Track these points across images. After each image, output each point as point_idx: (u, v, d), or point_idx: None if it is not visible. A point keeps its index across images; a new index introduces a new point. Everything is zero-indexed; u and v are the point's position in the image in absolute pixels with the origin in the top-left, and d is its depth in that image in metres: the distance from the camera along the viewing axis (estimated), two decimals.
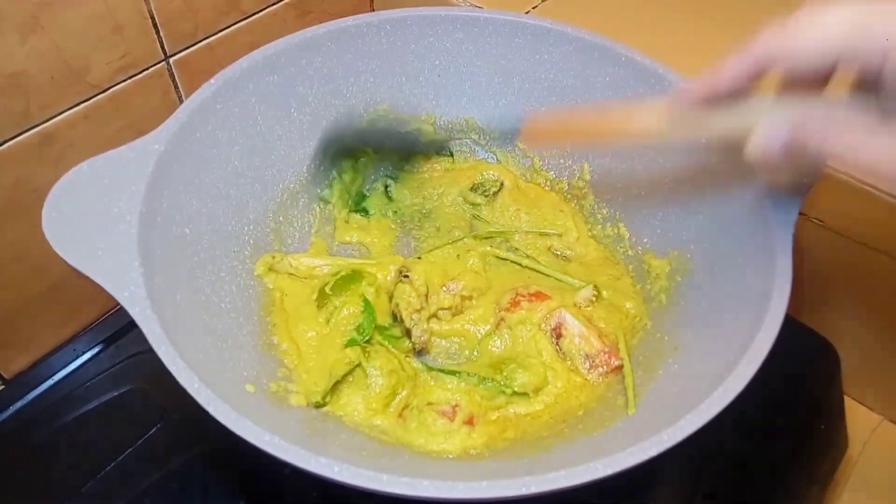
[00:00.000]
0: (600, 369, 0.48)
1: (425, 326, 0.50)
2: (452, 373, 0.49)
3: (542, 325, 0.50)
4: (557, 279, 0.55)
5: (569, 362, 0.49)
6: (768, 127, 0.35)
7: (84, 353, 0.55)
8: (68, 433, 0.50)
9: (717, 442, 0.49)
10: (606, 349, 0.48)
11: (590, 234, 0.59)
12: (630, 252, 0.56)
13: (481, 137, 0.63)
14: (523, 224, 0.59)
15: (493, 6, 0.60)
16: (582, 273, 0.55)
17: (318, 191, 0.59)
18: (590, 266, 0.56)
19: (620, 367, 0.47)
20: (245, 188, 0.53)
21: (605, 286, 0.54)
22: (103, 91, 0.52)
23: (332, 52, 0.56)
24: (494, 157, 0.63)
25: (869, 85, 0.32)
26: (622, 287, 0.54)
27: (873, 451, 0.57)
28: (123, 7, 0.51)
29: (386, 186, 0.62)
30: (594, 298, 0.52)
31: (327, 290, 0.52)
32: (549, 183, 0.62)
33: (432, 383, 0.48)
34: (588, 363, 0.48)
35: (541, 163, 0.62)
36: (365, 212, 0.61)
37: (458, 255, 0.56)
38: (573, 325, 0.49)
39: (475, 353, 0.51)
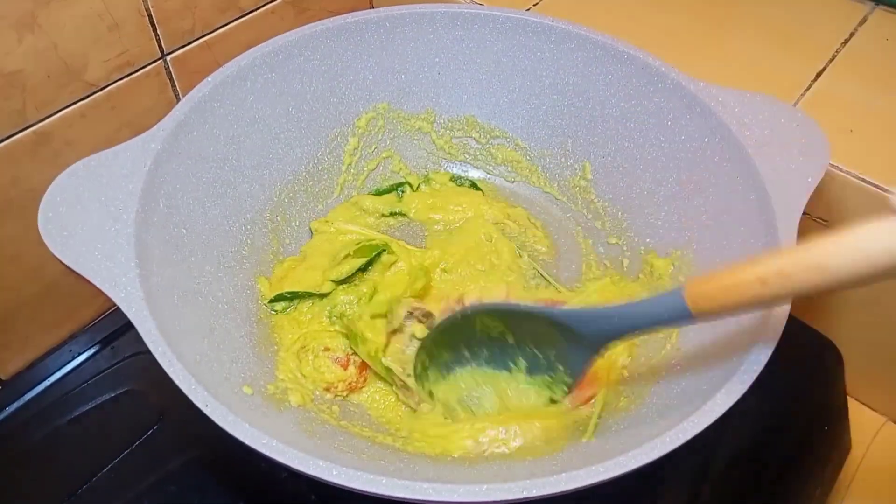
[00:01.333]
0: (573, 398, 0.47)
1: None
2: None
3: None
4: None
5: None
6: None
7: (80, 354, 0.55)
8: (65, 435, 0.50)
9: (719, 443, 0.49)
10: (587, 379, 0.47)
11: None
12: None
13: (482, 136, 0.63)
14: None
15: (493, 3, 0.59)
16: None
17: None
18: None
19: (589, 398, 0.47)
20: (242, 187, 0.53)
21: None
22: (100, 89, 0.52)
23: (330, 50, 0.56)
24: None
25: None
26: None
27: (877, 453, 0.56)
28: (120, 5, 0.50)
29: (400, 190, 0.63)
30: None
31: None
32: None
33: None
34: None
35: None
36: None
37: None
38: None
39: None
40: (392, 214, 0.61)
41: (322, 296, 0.52)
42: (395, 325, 0.48)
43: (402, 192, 0.62)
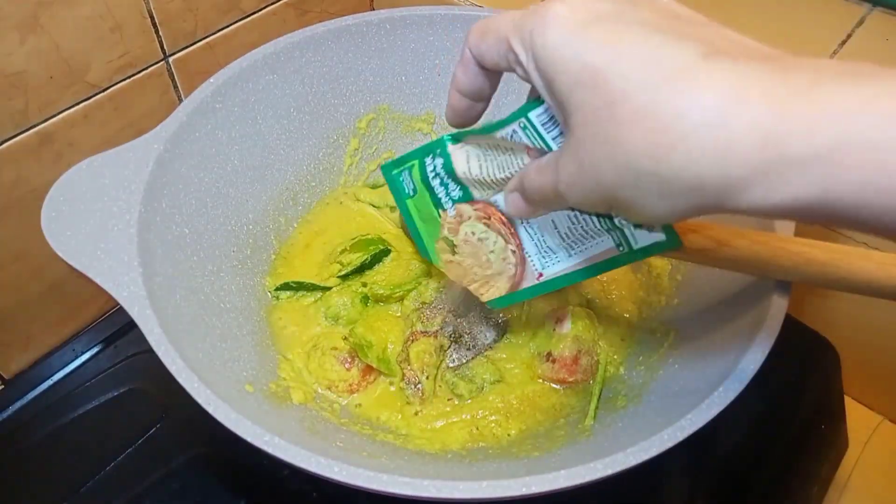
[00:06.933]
0: (548, 371, 0.49)
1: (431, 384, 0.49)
2: None
3: (549, 312, 0.51)
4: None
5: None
6: None
7: (84, 353, 0.55)
8: (68, 433, 0.50)
9: (717, 441, 0.49)
10: (568, 362, 0.48)
11: None
12: None
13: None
14: None
15: (492, 5, 0.59)
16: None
17: None
18: None
19: (564, 381, 0.48)
20: (245, 188, 0.53)
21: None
22: (102, 90, 0.52)
23: (331, 52, 0.56)
24: None
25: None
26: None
27: (874, 451, 0.56)
28: (123, 6, 0.50)
29: None
30: None
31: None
32: None
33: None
34: (547, 360, 0.49)
35: None
36: None
37: None
38: (564, 327, 0.49)
39: None
40: (389, 207, 0.61)
41: (325, 289, 0.53)
42: (427, 327, 0.49)
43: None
